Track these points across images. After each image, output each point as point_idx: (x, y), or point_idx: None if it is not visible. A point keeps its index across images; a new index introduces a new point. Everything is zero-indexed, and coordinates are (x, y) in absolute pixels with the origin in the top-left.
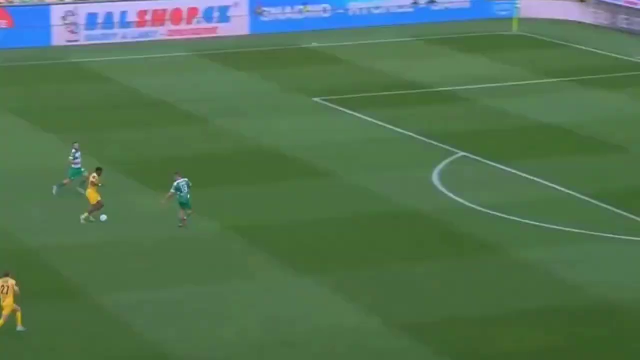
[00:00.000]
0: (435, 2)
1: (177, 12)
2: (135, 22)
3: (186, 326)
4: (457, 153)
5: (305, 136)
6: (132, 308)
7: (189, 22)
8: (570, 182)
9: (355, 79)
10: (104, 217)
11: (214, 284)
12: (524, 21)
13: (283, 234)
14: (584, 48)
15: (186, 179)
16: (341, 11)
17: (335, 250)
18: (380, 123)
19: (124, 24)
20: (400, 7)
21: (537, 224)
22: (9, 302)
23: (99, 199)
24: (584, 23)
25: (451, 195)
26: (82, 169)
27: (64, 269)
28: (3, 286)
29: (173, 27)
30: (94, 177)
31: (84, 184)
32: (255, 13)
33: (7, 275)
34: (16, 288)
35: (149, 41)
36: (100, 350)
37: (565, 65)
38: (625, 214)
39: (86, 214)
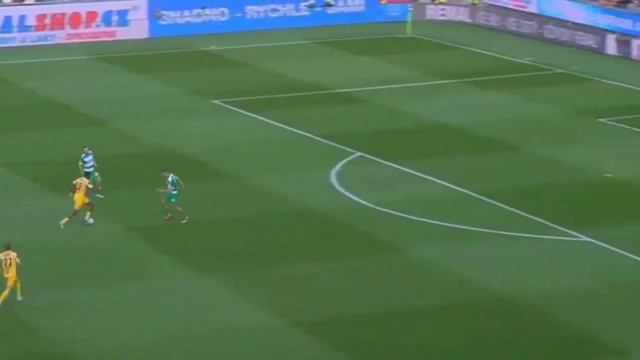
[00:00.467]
0: (330, 5)
1: (75, 15)
2: (34, 25)
3: (91, 326)
4: (354, 153)
5: (205, 138)
6: (36, 309)
7: (87, 26)
8: (466, 181)
9: (254, 81)
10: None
11: (117, 285)
12: (417, 24)
13: (184, 234)
14: (475, 50)
15: (172, 174)
16: (239, 14)
17: (236, 250)
18: (279, 124)
19: (23, 27)
20: (297, 10)
21: (435, 222)
22: (12, 274)
23: (87, 201)
24: (475, 25)
25: (349, 195)
26: (96, 173)
27: None
28: (6, 259)
29: (72, 31)
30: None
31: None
32: (154, 16)
33: (8, 248)
34: (18, 260)
35: (48, 45)
36: (3, 349)
37: (458, 67)
38: (518, 211)
39: (88, 213)
